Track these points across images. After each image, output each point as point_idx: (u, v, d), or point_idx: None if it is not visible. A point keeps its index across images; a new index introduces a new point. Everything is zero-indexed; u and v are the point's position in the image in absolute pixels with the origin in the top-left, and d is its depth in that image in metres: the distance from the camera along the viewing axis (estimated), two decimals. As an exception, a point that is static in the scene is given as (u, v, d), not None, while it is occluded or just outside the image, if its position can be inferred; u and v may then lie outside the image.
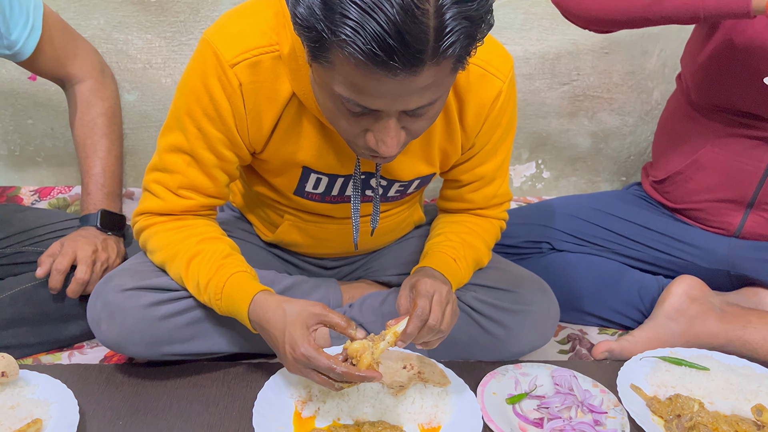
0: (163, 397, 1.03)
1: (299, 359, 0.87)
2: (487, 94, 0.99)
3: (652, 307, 1.28)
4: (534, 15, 1.56)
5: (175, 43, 1.51)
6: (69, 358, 1.14)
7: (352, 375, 0.85)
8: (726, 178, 1.27)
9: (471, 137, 1.04)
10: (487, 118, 1.02)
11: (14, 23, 1.15)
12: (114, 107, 1.34)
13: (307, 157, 1.00)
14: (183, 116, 0.97)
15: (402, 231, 1.25)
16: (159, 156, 1.02)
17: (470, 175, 1.11)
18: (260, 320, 0.93)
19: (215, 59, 0.91)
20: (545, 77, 1.63)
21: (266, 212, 1.17)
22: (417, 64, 0.71)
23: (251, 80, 0.92)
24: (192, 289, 1.00)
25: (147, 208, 1.04)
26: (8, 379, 0.97)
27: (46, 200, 1.59)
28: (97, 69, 1.34)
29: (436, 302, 0.92)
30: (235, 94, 0.92)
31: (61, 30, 1.25)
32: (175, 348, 1.03)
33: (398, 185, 1.08)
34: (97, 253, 1.14)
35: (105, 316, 1.00)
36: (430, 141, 1.02)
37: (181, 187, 1.01)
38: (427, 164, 1.05)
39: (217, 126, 0.96)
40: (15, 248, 1.22)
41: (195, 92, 0.94)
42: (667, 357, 1.16)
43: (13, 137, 1.61)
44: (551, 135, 1.70)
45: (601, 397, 1.07)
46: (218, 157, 0.99)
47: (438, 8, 0.69)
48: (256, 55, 0.90)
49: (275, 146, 0.99)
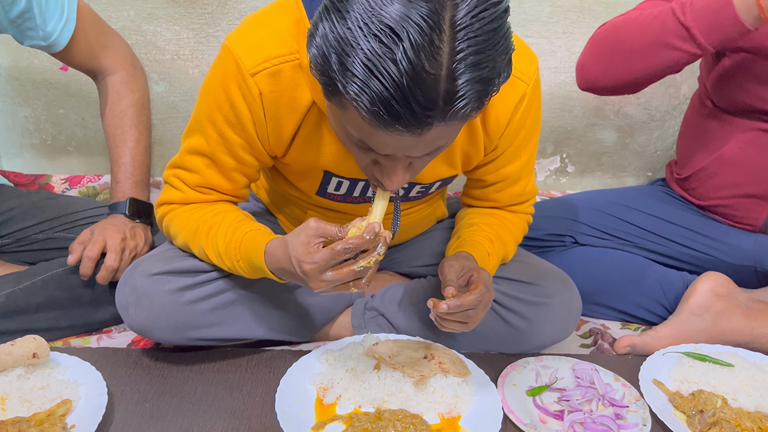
0: (189, 381, 1.05)
1: (313, 269, 0.84)
2: (511, 98, 0.97)
3: (675, 302, 1.27)
4: (560, 8, 1.54)
5: (202, 35, 1.53)
6: (98, 341, 1.17)
7: (362, 236, 0.81)
8: (751, 174, 1.26)
9: (494, 140, 1.02)
10: (510, 121, 1.00)
11: (50, 15, 1.18)
12: (143, 98, 1.36)
13: (328, 162, 1.00)
14: (204, 121, 0.98)
15: (425, 226, 1.26)
16: (180, 156, 1.04)
17: (495, 176, 1.10)
18: (276, 265, 0.92)
19: (236, 67, 0.91)
20: (571, 71, 1.62)
21: (290, 208, 1.18)
22: (423, 126, 0.69)
23: (271, 89, 0.91)
24: (215, 258, 1.00)
25: (167, 198, 1.06)
26: (39, 360, 1.00)
27: (76, 188, 1.62)
28: (128, 61, 1.37)
29: (485, 302, 0.92)
30: (255, 102, 0.92)
31: (94, 22, 1.28)
32: (200, 333, 1.05)
33: (419, 187, 1.08)
34: (125, 240, 1.16)
35: (133, 301, 1.03)
36: (452, 145, 1.01)
37: (199, 186, 1.03)
38: (448, 167, 1.05)
39: (238, 132, 0.97)
40: (47, 234, 1.25)
41: (216, 99, 0.95)
42: (691, 353, 1.15)
43: (45, 126, 1.65)
44: (576, 129, 1.69)
45: (622, 391, 1.07)
46: (238, 161, 1.00)
47: (450, 72, 0.66)
48: (276, 64, 0.90)
49: (296, 152, 0.99)
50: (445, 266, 0.95)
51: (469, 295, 0.89)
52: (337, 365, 1.05)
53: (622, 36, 1.18)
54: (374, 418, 0.97)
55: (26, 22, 1.15)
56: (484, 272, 0.94)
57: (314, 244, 0.84)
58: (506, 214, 1.15)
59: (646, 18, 1.16)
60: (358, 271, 0.84)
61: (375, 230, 0.82)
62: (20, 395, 0.94)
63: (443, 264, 0.95)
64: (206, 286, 1.05)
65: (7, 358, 0.98)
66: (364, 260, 0.83)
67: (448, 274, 0.93)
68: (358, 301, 1.19)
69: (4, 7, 1.08)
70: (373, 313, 1.17)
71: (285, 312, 1.12)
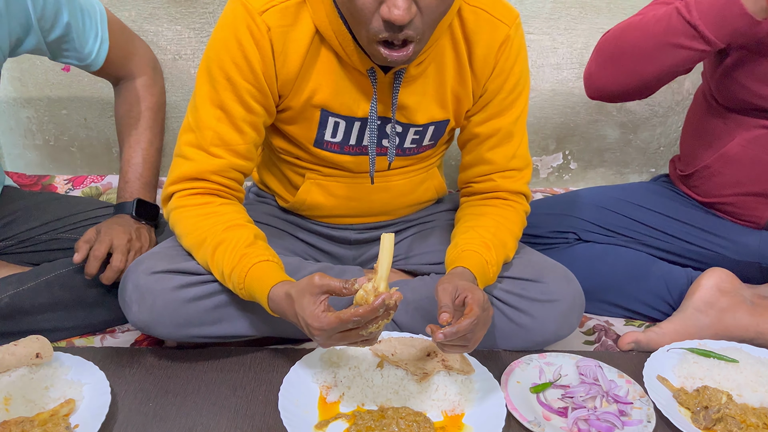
0: (192, 380, 1.05)
1: (321, 332, 0.87)
2: (495, 38, 1.05)
3: (680, 299, 1.26)
4: (562, 4, 1.54)
5: (204, 35, 1.54)
6: (101, 341, 1.17)
7: (372, 307, 0.83)
8: (755, 172, 1.25)
9: (482, 82, 1.09)
10: (497, 62, 1.07)
11: (86, 38, 1.19)
12: (161, 102, 1.37)
13: (326, 95, 1.04)
14: (213, 68, 1.01)
15: (422, 195, 1.25)
16: (191, 114, 1.05)
17: (486, 128, 1.13)
18: (280, 312, 0.95)
19: (244, 10, 0.98)
20: (573, 67, 1.61)
21: (287, 173, 1.19)
22: None
23: (279, 24, 0.98)
24: (218, 275, 1.02)
25: (178, 175, 1.05)
26: (43, 360, 1.00)
27: (79, 189, 1.63)
28: (150, 66, 1.37)
29: (482, 322, 0.93)
30: (264, 38, 0.98)
31: (121, 33, 1.28)
32: (203, 330, 1.06)
33: (413, 132, 1.11)
34: (131, 242, 1.17)
35: (136, 297, 1.03)
36: (442, 82, 1.07)
37: (213, 144, 1.04)
38: (440, 108, 1.10)
39: (246, 76, 1.00)
40: (51, 235, 1.25)
41: (225, 43, 1.00)
42: (695, 349, 1.15)
43: (48, 127, 1.65)
44: (579, 126, 1.69)
45: (626, 388, 1.07)
46: (247, 110, 1.03)
47: None
48: (282, 2, 0.98)
49: (298, 86, 1.04)
50: (439, 290, 0.95)
51: (465, 319, 0.89)
52: (340, 363, 1.05)
53: (627, 41, 1.17)
54: (377, 416, 0.96)
55: (64, 44, 1.16)
56: (479, 292, 0.94)
57: (320, 302, 0.87)
58: (502, 212, 1.15)
59: (650, 21, 1.15)
60: (366, 339, 0.88)
61: (385, 303, 0.83)
62: (24, 395, 0.94)
63: (437, 288, 0.96)
64: (208, 284, 1.05)
65: (10, 358, 0.98)
66: (373, 326, 0.86)
67: (443, 298, 0.94)
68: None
69: (43, 32, 1.09)
70: (376, 311, 1.17)
71: (287, 310, 1.12)
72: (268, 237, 1.07)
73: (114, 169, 1.70)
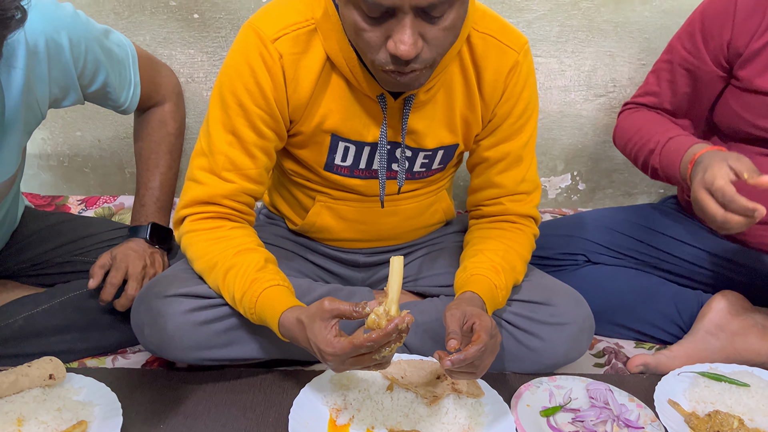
0: (203, 401, 1.06)
1: (334, 358, 0.87)
2: (504, 64, 1.07)
3: (690, 321, 1.25)
4: (569, 27, 1.56)
5: (216, 58, 1.56)
6: (113, 362, 1.18)
7: (385, 332, 0.83)
8: (758, 201, 1.24)
9: (491, 107, 1.10)
10: (505, 88, 1.08)
11: (121, 87, 1.20)
12: (182, 127, 1.38)
13: (336, 120, 1.05)
14: (225, 93, 1.03)
15: (430, 218, 1.26)
16: (204, 139, 1.07)
17: (495, 152, 1.13)
18: (290, 337, 0.96)
19: (257, 37, 1.00)
20: (581, 89, 1.62)
21: (297, 196, 1.20)
22: None
23: (291, 51, 1.00)
24: (229, 300, 1.03)
25: (190, 198, 1.06)
26: (56, 381, 1.01)
27: (92, 209, 1.64)
28: (176, 92, 1.38)
29: (490, 349, 0.93)
30: (276, 66, 1.00)
31: (150, 67, 1.29)
32: (214, 353, 1.06)
33: (423, 156, 1.12)
34: (146, 268, 1.17)
35: (148, 321, 1.04)
36: (451, 108, 1.09)
37: (224, 169, 1.05)
38: (449, 132, 1.11)
39: (258, 102, 1.02)
40: (64, 257, 1.26)
41: (237, 70, 1.01)
42: (706, 372, 1.14)
43: (62, 149, 1.68)
44: (587, 147, 1.70)
45: (637, 412, 1.06)
46: (258, 135, 1.04)
47: None
48: (294, 30, 1.00)
49: (309, 111, 1.05)
50: (447, 316, 0.96)
51: (472, 346, 0.90)
52: (350, 386, 1.05)
53: (627, 152, 1.34)
54: (387, 439, 0.96)
55: (101, 96, 1.18)
56: (486, 318, 0.94)
57: (331, 327, 0.88)
58: (512, 235, 1.15)
59: (642, 144, 1.28)
60: (379, 363, 0.88)
61: (398, 328, 0.83)
62: (36, 416, 0.95)
63: (445, 314, 0.97)
64: (219, 308, 1.06)
65: (24, 379, 0.99)
66: (386, 350, 0.86)
67: (451, 324, 0.94)
68: None
69: (82, 89, 1.11)
70: (386, 333, 1.17)
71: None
72: (277, 258, 1.08)
73: (126, 189, 1.72)
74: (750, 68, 1.19)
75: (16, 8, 0.75)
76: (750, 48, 1.18)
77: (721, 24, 1.19)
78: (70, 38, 1.03)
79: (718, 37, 1.20)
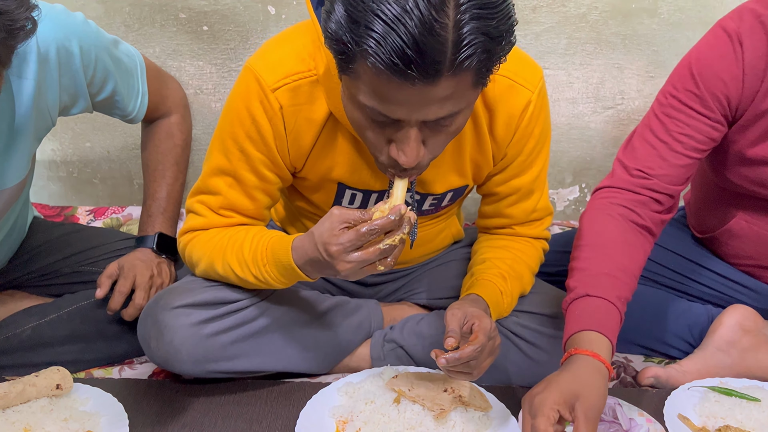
0: (209, 413, 1.06)
1: (338, 250, 0.86)
2: (516, 105, 1.01)
3: (700, 337, 1.23)
4: (578, 40, 1.56)
5: (225, 70, 1.57)
6: (119, 372, 1.18)
7: (386, 220, 0.83)
8: (763, 249, 1.22)
9: (502, 148, 1.06)
10: (517, 128, 1.04)
11: (129, 96, 1.21)
12: (188, 138, 1.39)
13: (342, 172, 1.03)
14: (226, 139, 1.01)
15: (440, 243, 1.26)
16: (202, 180, 1.06)
17: (506, 188, 1.11)
18: (304, 257, 0.93)
19: (257, 84, 0.96)
20: (589, 101, 1.62)
21: (306, 225, 1.19)
22: (434, 74, 0.74)
23: (291, 103, 0.97)
24: (239, 270, 1.01)
25: (190, 226, 1.08)
26: (63, 391, 1.01)
27: (100, 220, 1.65)
28: (183, 104, 1.39)
29: (487, 351, 0.92)
30: (276, 116, 0.97)
31: (156, 78, 1.30)
32: (220, 366, 1.06)
33: (431, 198, 1.10)
34: (153, 278, 1.18)
35: (154, 333, 1.04)
36: (460, 152, 1.05)
37: (222, 207, 1.05)
38: (458, 176, 1.08)
39: (259, 147, 1.00)
40: (72, 268, 1.27)
41: (238, 115, 0.99)
42: (717, 387, 1.13)
43: (72, 159, 1.69)
44: (595, 159, 1.69)
45: (647, 427, 1.05)
46: (260, 179, 1.03)
47: (456, 22, 0.72)
48: (295, 80, 0.96)
49: (313, 163, 1.03)
50: (448, 315, 0.96)
51: (468, 346, 0.90)
52: (356, 398, 1.04)
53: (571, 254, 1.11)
54: (394, 452, 0.96)
55: (108, 105, 1.19)
56: (487, 320, 0.94)
57: (339, 229, 0.86)
58: (520, 246, 1.15)
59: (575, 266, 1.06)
60: (384, 250, 0.86)
61: (401, 211, 0.84)
62: (43, 427, 0.95)
63: (447, 312, 0.97)
64: (227, 318, 1.06)
65: (31, 389, 0.99)
66: (389, 239, 0.85)
67: (451, 323, 0.94)
68: (377, 332, 1.19)
69: (91, 96, 1.12)
70: (393, 345, 1.17)
71: (304, 344, 1.12)
72: None
73: (135, 200, 1.73)
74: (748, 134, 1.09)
75: (26, 19, 0.76)
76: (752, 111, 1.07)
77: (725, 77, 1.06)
78: (80, 46, 1.04)
79: (723, 88, 1.07)
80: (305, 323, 1.12)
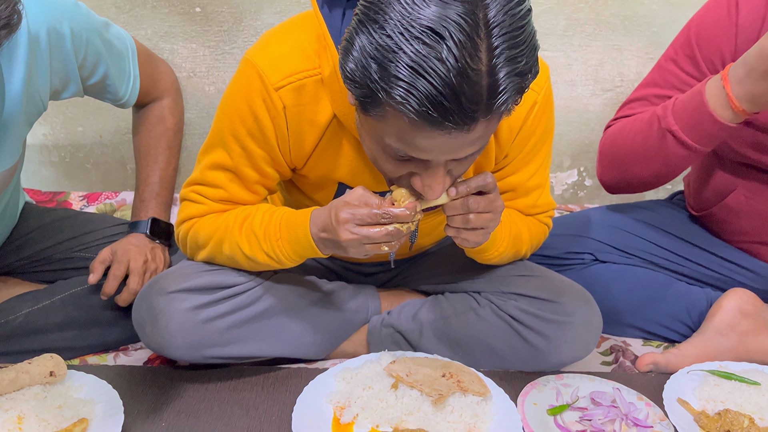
0: (205, 400, 1.05)
1: (347, 218, 0.87)
2: (522, 107, 0.99)
3: (699, 320, 1.23)
4: (576, 21, 1.54)
5: (218, 52, 1.55)
6: (114, 359, 1.17)
7: (402, 212, 0.85)
8: (760, 224, 1.22)
9: (505, 148, 1.04)
10: (521, 129, 1.02)
11: (120, 81, 1.19)
12: (181, 122, 1.37)
13: (344, 174, 1.02)
14: (227, 135, 0.99)
15: (439, 235, 1.25)
16: (200, 172, 1.04)
17: (503, 184, 1.10)
18: (318, 225, 0.93)
19: (260, 82, 0.93)
20: (588, 84, 1.61)
21: None
22: (470, 122, 0.72)
23: (295, 103, 0.94)
24: (248, 248, 1.00)
25: (189, 214, 1.06)
26: (56, 379, 1.00)
27: (93, 205, 1.63)
28: (174, 88, 1.37)
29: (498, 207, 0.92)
30: (279, 116, 0.95)
31: (148, 62, 1.28)
32: (216, 351, 1.05)
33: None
34: (147, 263, 1.17)
35: (149, 319, 1.02)
36: None
37: (221, 200, 1.04)
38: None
39: (261, 145, 0.98)
40: (65, 254, 1.25)
41: (239, 112, 0.96)
42: (716, 371, 1.12)
43: (64, 144, 1.67)
44: (594, 142, 1.68)
45: (646, 411, 1.05)
46: (261, 174, 1.02)
47: (491, 68, 0.70)
48: (300, 79, 0.93)
49: (314, 164, 1.01)
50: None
51: (476, 177, 0.89)
52: (354, 384, 1.04)
53: (621, 147, 1.19)
54: (392, 438, 0.95)
55: (100, 89, 1.17)
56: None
57: (356, 203, 0.87)
58: (522, 215, 1.14)
59: (639, 126, 1.15)
60: (389, 232, 0.87)
61: (416, 209, 0.86)
62: (37, 414, 0.94)
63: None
64: (223, 303, 1.04)
65: (24, 376, 0.98)
66: (400, 226, 0.87)
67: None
68: (375, 317, 1.18)
69: (82, 80, 1.10)
70: (390, 330, 1.16)
71: (301, 330, 1.11)
72: None
73: (128, 185, 1.71)
74: None
75: (12, 13, 0.74)
76: None
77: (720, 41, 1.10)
78: (71, 28, 1.02)
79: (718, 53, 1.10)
80: (302, 308, 1.11)
